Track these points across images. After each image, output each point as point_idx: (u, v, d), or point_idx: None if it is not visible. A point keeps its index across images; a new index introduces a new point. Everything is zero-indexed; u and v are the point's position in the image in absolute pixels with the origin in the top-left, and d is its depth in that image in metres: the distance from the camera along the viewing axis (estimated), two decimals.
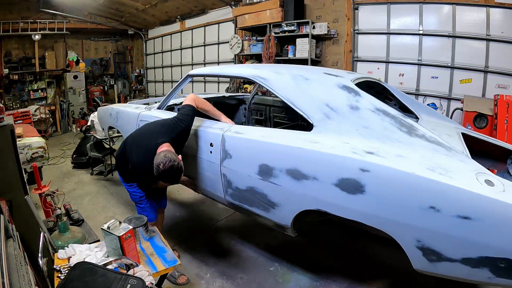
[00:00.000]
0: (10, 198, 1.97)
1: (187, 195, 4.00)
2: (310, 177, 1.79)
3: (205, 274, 2.53)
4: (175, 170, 1.91)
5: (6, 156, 2.05)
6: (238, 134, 2.20)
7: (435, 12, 4.44)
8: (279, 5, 5.47)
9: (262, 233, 3.03)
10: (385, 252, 2.65)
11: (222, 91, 6.80)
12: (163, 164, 1.87)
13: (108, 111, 3.72)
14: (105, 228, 1.63)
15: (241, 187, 2.19)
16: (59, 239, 1.98)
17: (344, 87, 2.02)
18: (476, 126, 3.80)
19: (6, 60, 8.11)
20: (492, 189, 1.40)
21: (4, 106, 2.53)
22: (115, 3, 7.93)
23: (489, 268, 1.41)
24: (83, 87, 9.15)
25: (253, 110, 3.93)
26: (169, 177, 1.93)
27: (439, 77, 4.53)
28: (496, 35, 4.00)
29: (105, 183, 4.62)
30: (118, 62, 10.73)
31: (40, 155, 3.57)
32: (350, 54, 5.21)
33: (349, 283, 2.39)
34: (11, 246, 1.42)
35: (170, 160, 1.89)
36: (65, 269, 1.58)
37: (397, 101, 2.83)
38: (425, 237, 1.51)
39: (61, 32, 8.56)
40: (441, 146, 1.65)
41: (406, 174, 1.51)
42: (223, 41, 7.23)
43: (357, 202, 1.65)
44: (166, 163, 1.87)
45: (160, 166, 1.87)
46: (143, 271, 1.49)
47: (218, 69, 3.91)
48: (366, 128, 1.80)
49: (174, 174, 1.92)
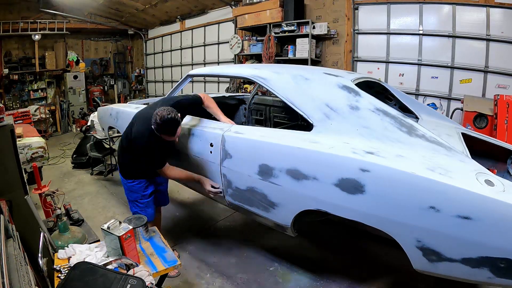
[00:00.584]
0: (10, 198, 1.97)
1: (187, 195, 4.00)
2: (310, 177, 1.79)
3: (205, 274, 2.53)
4: (171, 118, 1.99)
5: (6, 156, 2.06)
6: (238, 134, 2.20)
7: (435, 12, 4.44)
8: (279, 5, 5.47)
9: (262, 233, 3.03)
10: (385, 252, 2.66)
11: (222, 91, 6.81)
12: (161, 112, 1.97)
13: (108, 111, 3.72)
14: (105, 228, 1.63)
15: (241, 187, 2.19)
16: (59, 239, 1.98)
17: (344, 87, 2.02)
18: (476, 126, 3.80)
19: (6, 60, 8.11)
20: (492, 189, 1.40)
21: (4, 106, 2.54)
22: (115, 3, 7.93)
23: (489, 268, 1.41)
24: (83, 87, 9.16)
25: (253, 110, 3.93)
26: (167, 126, 2.01)
27: (439, 77, 4.52)
28: (496, 35, 4.00)
29: (105, 183, 4.62)
30: (118, 62, 10.73)
31: (40, 155, 3.57)
32: (350, 54, 5.21)
33: (349, 283, 2.39)
34: (11, 246, 1.42)
35: (166, 110, 2.00)
36: (65, 269, 1.58)
37: (397, 101, 2.83)
38: (425, 237, 1.51)
39: (61, 32, 8.57)
40: (441, 146, 1.65)
41: (406, 174, 1.51)
42: (223, 41, 7.23)
43: (357, 202, 1.65)
44: (163, 112, 1.97)
45: (158, 114, 1.97)
46: (143, 271, 1.49)
47: (218, 69, 3.91)
48: (366, 128, 1.80)
49: (171, 122, 2.00)
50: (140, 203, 2.41)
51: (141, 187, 2.38)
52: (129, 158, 2.35)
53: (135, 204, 2.42)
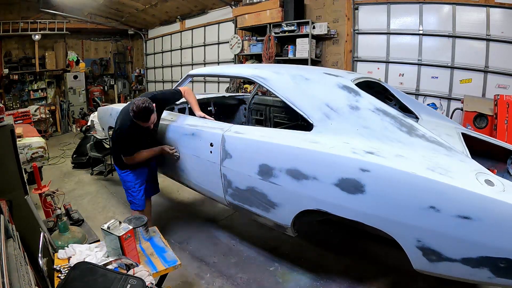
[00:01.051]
0: (10, 198, 1.97)
1: (187, 195, 4.00)
2: (310, 177, 1.79)
3: (205, 274, 2.53)
4: (145, 107, 2.23)
5: (6, 156, 2.06)
6: (238, 134, 2.20)
7: (435, 12, 4.44)
8: (279, 5, 5.47)
9: (262, 233, 3.03)
10: (385, 252, 2.65)
11: (222, 91, 6.80)
12: (137, 102, 2.23)
13: (108, 111, 3.73)
14: (105, 228, 1.63)
15: (241, 187, 2.19)
16: (59, 239, 1.98)
17: (344, 87, 2.02)
18: (476, 126, 3.80)
19: (6, 60, 8.11)
20: (492, 189, 1.40)
21: (4, 106, 2.54)
22: (115, 3, 7.93)
23: (489, 268, 1.41)
24: (83, 87, 9.16)
25: (253, 110, 3.93)
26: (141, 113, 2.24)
27: (439, 77, 4.52)
28: (496, 35, 4.00)
29: (105, 183, 4.62)
30: (118, 62, 10.73)
31: (40, 155, 3.57)
32: (350, 54, 5.21)
33: (349, 283, 2.39)
34: (11, 246, 1.42)
35: (142, 100, 2.25)
36: (65, 269, 1.58)
37: (397, 101, 2.83)
38: (425, 237, 1.51)
39: (61, 32, 8.57)
40: (441, 146, 1.65)
41: (406, 174, 1.51)
42: (223, 41, 7.23)
43: (357, 202, 1.65)
44: (139, 102, 2.23)
45: (134, 103, 2.23)
46: (143, 271, 1.49)
47: (218, 69, 3.91)
48: (366, 128, 1.80)
49: (145, 110, 2.23)
50: (132, 191, 2.60)
51: (133, 177, 2.58)
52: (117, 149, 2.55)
53: (129, 193, 2.63)
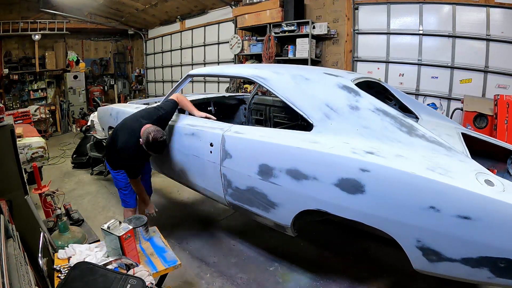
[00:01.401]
0: (10, 198, 1.97)
1: (187, 195, 4.00)
2: (310, 177, 1.79)
3: (205, 274, 2.53)
4: (163, 141, 2.23)
5: (6, 156, 2.06)
6: (238, 134, 2.20)
7: (435, 12, 4.44)
8: (279, 5, 5.47)
9: (262, 233, 3.03)
10: (385, 252, 2.65)
11: (222, 91, 6.80)
12: (153, 133, 2.18)
13: (108, 111, 3.73)
14: (105, 228, 1.63)
15: (241, 187, 2.19)
16: (59, 239, 1.98)
17: (344, 87, 2.02)
18: (476, 126, 3.80)
19: (6, 60, 8.12)
20: (492, 189, 1.40)
21: (4, 106, 2.54)
22: (115, 3, 7.93)
23: (489, 268, 1.41)
24: (83, 87, 9.16)
25: (253, 110, 3.93)
26: (157, 147, 2.22)
27: (439, 77, 4.53)
28: (496, 35, 4.00)
29: (105, 183, 4.62)
30: (118, 62, 10.73)
31: (40, 155, 3.57)
32: (350, 54, 5.21)
33: (349, 283, 2.39)
34: (11, 246, 1.42)
35: (159, 131, 2.22)
36: (65, 269, 1.58)
37: (397, 101, 2.83)
38: (425, 237, 1.51)
39: (61, 32, 8.57)
40: (441, 146, 1.65)
41: (406, 174, 1.51)
42: (223, 41, 7.23)
43: (357, 202, 1.65)
44: (157, 134, 2.19)
45: (150, 135, 2.17)
46: (143, 271, 1.49)
47: (218, 69, 3.91)
48: (366, 128, 1.80)
49: (161, 144, 2.23)
50: (124, 190, 2.61)
51: (125, 177, 2.56)
52: (114, 157, 2.56)
53: (121, 192, 2.64)
